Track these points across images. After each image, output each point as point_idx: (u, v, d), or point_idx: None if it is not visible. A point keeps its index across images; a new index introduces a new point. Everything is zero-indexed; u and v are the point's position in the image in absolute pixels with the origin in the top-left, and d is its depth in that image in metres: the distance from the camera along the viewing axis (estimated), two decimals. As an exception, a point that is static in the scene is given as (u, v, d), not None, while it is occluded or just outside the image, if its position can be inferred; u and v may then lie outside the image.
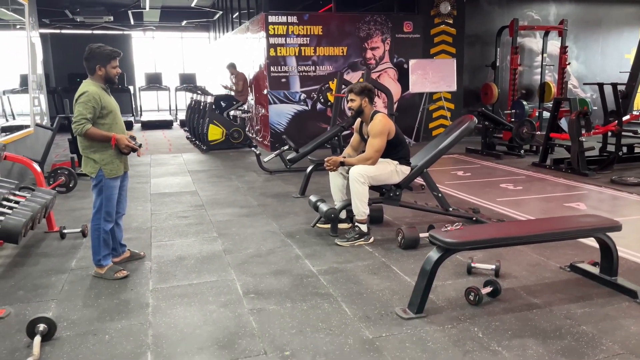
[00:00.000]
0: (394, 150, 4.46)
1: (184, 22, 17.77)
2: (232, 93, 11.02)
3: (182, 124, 14.69)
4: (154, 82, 17.10)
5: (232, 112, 10.66)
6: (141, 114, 17.18)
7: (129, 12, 15.28)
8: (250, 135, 11.20)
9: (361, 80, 8.54)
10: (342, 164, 4.42)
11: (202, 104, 10.72)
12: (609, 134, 8.07)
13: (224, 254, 4.16)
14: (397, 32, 10.34)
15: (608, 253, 3.40)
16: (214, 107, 10.26)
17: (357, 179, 4.22)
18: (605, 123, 8.34)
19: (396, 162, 4.47)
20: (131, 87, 16.70)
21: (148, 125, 15.08)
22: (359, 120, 4.63)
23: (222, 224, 5.01)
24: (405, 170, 4.52)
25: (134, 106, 17.07)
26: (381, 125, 4.34)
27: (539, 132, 8.78)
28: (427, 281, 3.02)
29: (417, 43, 10.49)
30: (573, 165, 7.29)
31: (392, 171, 4.44)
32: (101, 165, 3.53)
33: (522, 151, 8.88)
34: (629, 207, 5.68)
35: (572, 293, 3.33)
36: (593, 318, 2.99)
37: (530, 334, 2.81)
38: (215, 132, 10.03)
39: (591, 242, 4.08)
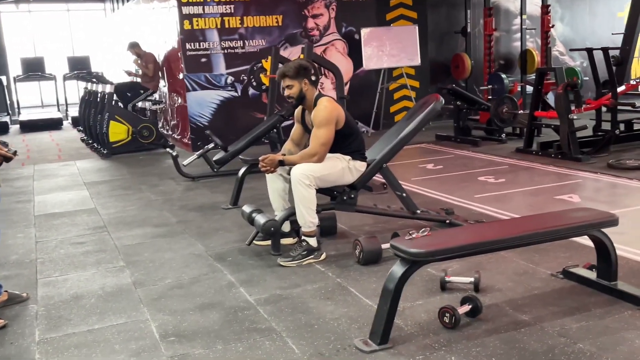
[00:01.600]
0: (345, 142, 4.49)
1: (70, -10, 17.31)
2: (139, 80, 10.82)
3: (75, 122, 14.32)
4: (35, 69, 16.56)
5: (139, 104, 10.45)
6: (19, 112, 16.61)
7: (-5, -21, 14.75)
8: (165, 132, 11.04)
9: (301, 56, 8.54)
10: (282, 163, 4.43)
11: (99, 95, 10.46)
12: (603, 109, 8.44)
13: (134, 288, 4.09)
14: (344, -5, 10.47)
15: (605, 253, 3.53)
16: (115, 99, 10.03)
17: (301, 181, 4.22)
18: (597, 96, 8.72)
19: (348, 158, 4.50)
20: (3, 78, 16.10)
21: (29, 126, 14.61)
22: (300, 107, 4.65)
23: (130, 249, 4.93)
24: (360, 166, 4.57)
25: (8, 102, 16.46)
26: (327, 112, 4.36)
27: (522, 111, 9.06)
28: (391, 303, 3.05)
29: (370, 7, 10.66)
30: (563, 149, 7.56)
31: (343, 169, 4.47)
32: None
33: (504, 135, 9.15)
34: (630, 195, 5.97)
35: (566, 304, 3.45)
36: (591, 333, 3.11)
37: (519, 358, 2.90)
38: (118, 131, 9.79)
39: (587, 241, 4.12)
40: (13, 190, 7.56)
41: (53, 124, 14.78)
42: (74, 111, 15.46)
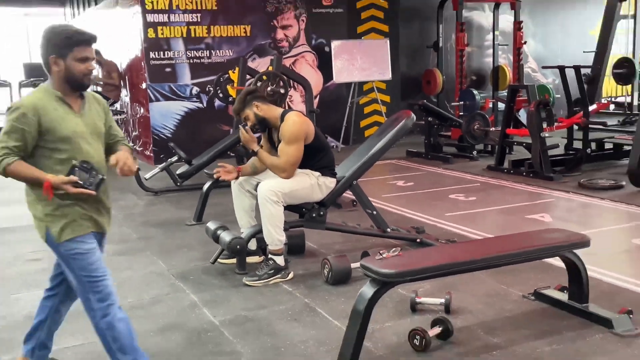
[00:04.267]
0: (315, 157, 4.51)
1: (28, -6, 17.08)
2: (99, 89, 10.71)
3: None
4: (-12, 75, 16.28)
5: None
6: (-29, 120, 16.24)
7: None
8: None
9: (270, 68, 8.56)
10: (254, 153, 4.49)
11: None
12: (575, 127, 8.60)
13: (91, 308, 4.00)
14: (315, 6, 10.54)
15: (576, 275, 3.60)
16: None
17: (269, 198, 4.21)
18: (569, 114, 8.89)
19: (318, 174, 4.52)
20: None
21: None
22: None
23: (88, 267, 4.82)
24: (330, 183, 4.58)
25: (-40, 109, 16.12)
26: (296, 128, 4.37)
27: (493, 128, 9.19)
28: (360, 325, 3.03)
29: (341, 20, 10.75)
30: (535, 168, 7.67)
31: (313, 185, 4.48)
32: (46, 223, 2.82)
33: (475, 152, 9.25)
34: (601, 216, 6.09)
35: (538, 327, 3.49)
36: (562, 356, 3.16)
37: (490, 383, 2.92)
38: (76, 142, 9.68)
39: (559, 262, 4.16)
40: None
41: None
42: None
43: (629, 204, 6.29)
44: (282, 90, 7.39)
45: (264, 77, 7.65)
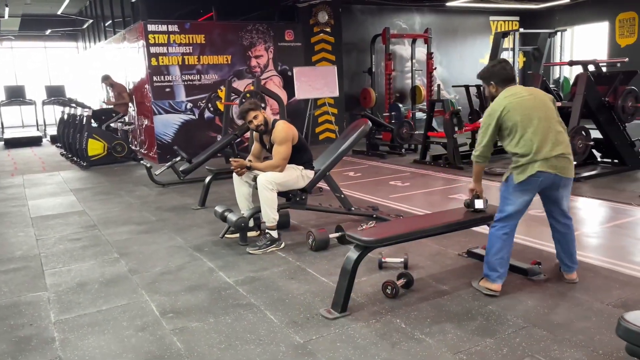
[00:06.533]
0: (298, 155, 4.48)
1: (48, 31, 16.27)
2: (111, 106, 10.31)
3: (54, 139, 13.44)
4: (16, 95, 15.41)
5: (112, 125, 9.95)
6: (3, 132, 15.40)
7: (-18, 19, 13.63)
8: (134, 147, 10.57)
9: (251, 87, 8.45)
10: (249, 168, 4.38)
11: (78, 117, 9.88)
12: (477, 130, 8.80)
13: (130, 275, 3.87)
14: (280, 41, 10.43)
15: (499, 237, 3.66)
16: (92, 121, 9.50)
17: (266, 187, 4.19)
18: (472, 121, 9.09)
19: (301, 167, 4.49)
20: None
21: (13, 143, 13.57)
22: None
23: (121, 243, 4.66)
24: (310, 174, 4.56)
25: (-7, 123, 15.27)
26: (284, 133, 4.35)
27: (417, 132, 9.29)
28: (348, 280, 3.05)
29: (299, 51, 10.67)
30: (450, 160, 7.80)
31: (298, 176, 4.46)
32: None
33: (403, 150, 9.32)
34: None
35: (473, 276, 3.54)
36: (495, 297, 3.23)
37: (447, 319, 2.97)
38: (95, 147, 9.30)
39: (480, 229, 4.29)
40: (7, 197, 7.00)
41: (34, 141, 13.79)
42: (51, 130, 14.52)
43: (520, 185, 6.46)
44: (262, 105, 7.29)
45: (248, 95, 7.55)
